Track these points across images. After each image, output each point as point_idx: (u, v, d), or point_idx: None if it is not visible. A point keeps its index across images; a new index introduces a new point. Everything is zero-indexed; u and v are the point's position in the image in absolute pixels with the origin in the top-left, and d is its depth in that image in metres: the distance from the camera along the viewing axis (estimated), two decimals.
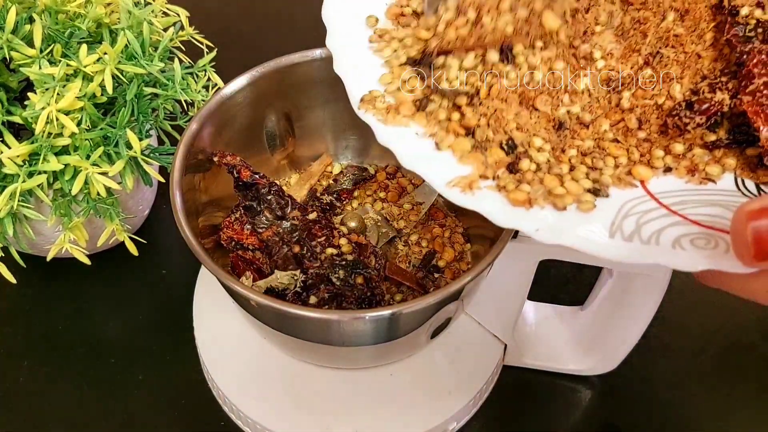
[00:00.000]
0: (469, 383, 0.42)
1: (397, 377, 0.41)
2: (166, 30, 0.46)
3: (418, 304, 0.32)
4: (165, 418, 0.45)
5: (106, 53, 0.40)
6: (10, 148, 0.39)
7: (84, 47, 0.40)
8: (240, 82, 0.40)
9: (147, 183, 0.46)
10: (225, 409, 0.43)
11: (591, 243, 0.26)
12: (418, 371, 0.41)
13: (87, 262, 0.44)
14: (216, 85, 0.48)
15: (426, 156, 0.30)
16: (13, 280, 0.44)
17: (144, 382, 0.47)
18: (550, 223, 0.27)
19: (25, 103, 0.40)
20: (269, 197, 0.41)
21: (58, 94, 0.39)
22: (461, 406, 0.41)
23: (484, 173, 0.29)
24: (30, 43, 0.40)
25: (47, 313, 0.51)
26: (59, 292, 0.52)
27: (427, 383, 0.41)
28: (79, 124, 0.40)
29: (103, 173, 0.41)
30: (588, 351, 0.46)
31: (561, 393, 0.47)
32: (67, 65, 0.39)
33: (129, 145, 0.42)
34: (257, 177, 0.41)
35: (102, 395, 0.46)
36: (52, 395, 0.46)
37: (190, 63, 0.48)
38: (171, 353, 0.48)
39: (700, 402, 0.46)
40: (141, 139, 0.42)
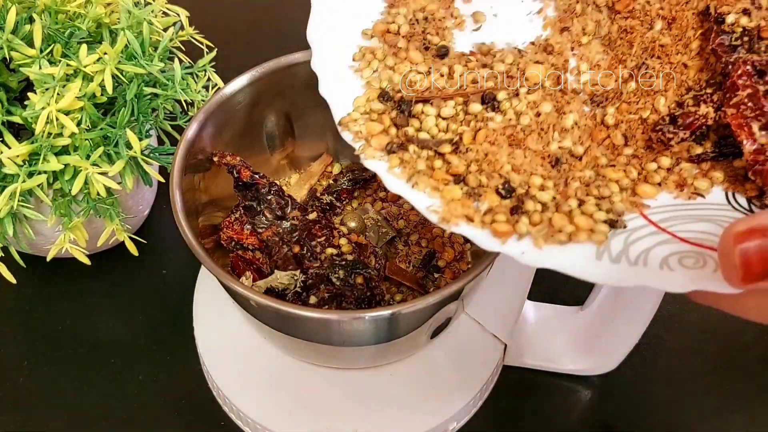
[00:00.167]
0: (469, 383, 0.42)
1: (397, 377, 0.41)
2: (166, 30, 0.46)
3: (418, 304, 0.32)
4: (165, 418, 0.45)
5: (106, 53, 0.40)
6: (10, 148, 0.39)
7: (84, 47, 0.40)
8: (240, 82, 0.40)
9: (147, 183, 0.46)
10: (225, 409, 0.43)
11: (577, 266, 0.25)
12: (418, 371, 0.41)
13: (87, 262, 0.44)
14: (216, 85, 0.48)
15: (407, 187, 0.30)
16: (13, 280, 0.44)
17: (144, 382, 0.47)
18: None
19: (25, 103, 0.40)
20: (269, 197, 0.41)
21: (58, 94, 0.39)
22: (461, 406, 0.41)
23: (470, 216, 0.28)
24: (30, 43, 0.40)
25: (47, 313, 0.51)
26: (59, 292, 0.52)
27: (427, 383, 0.41)
28: (79, 124, 0.40)
29: (103, 173, 0.41)
30: (588, 351, 0.46)
31: (561, 393, 0.47)
32: (67, 65, 0.39)
33: (129, 145, 0.42)
34: (257, 177, 0.41)
35: (102, 395, 0.46)
36: (52, 395, 0.46)
37: (190, 63, 0.48)
38: (171, 353, 0.48)
39: (699, 402, 0.46)
40: (141, 139, 0.42)
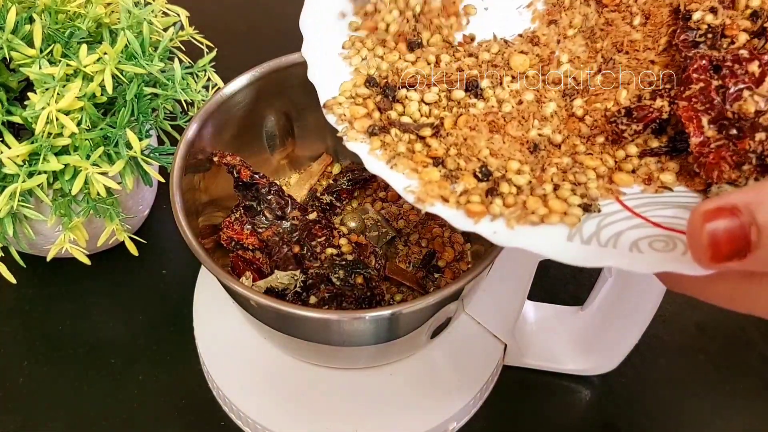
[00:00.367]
0: (469, 383, 0.42)
1: (397, 377, 0.41)
2: (166, 30, 0.46)
3: (418, 304, 0.32)
4: (165, 417, 0.45)
5: (106, 53, 0.40)
6: (10, 148, 0.39)
7: (84, 47, 0.40)
8: (240, 82, 0.40)
9: (147, 183, 0.46)
10: (225, 409, 0.43)
11: (547, 246, 0.25)
12: (418, 371, 0.41)
13: (87, 262, 0.44)
14: (216, 85, 0.48)
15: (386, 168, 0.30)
16: (13, 280, 0.44)
17: (144, 382, 0.47)
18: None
19: (25, 103, 0.40)
20: (269, 197, 0.41)
21: (58, 94, 0.39)
22: (461, 406, 0.41)
23: (446, 197, 0.28)
24: (30, 43, 0.40)
25: (47, 313, 0.51)
26: (59, 292, 0.52)
27: (427, 383, 0.41)
28: (79, 124, 0.40)
29: (103, 173, 0.41)
30: (588, 351, 0.46)
31: (561, 393, 0.47)
32: (67, 65, 0.39)
33: (129, 145, 0.42)
34: (257, 177, 0.41)
35: (102, 395, 0.46)
36: (52, 395, 0.46)
37: (190, 63, 0.48)
38: (171, 353, 0.48)
39: (700, 401, 0.46)
40: (141, 139, 0.42)
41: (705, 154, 0.27)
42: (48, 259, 0.43)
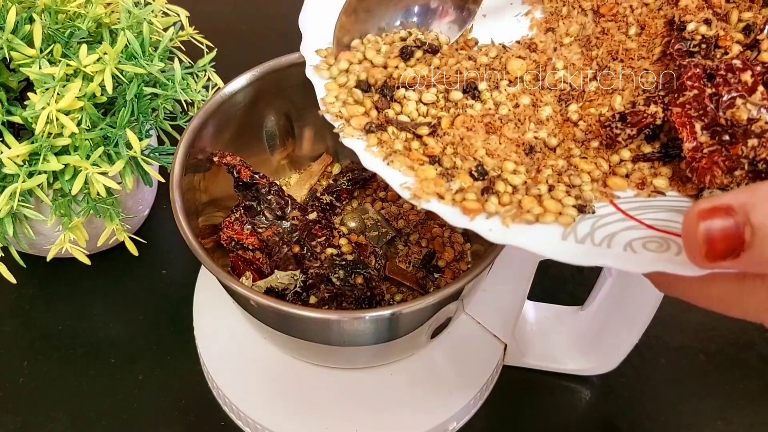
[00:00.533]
0: (469, 383, 0.42)
1: (397, 377, 0.41)
2: (166, 30, 0.46)
3: (418, 304, 0.32)
4: (165, 418, 0.45)
5: (106, 53, 0.40)
6: (10, 148, 0.39)
7: (84, 47, 0.40)
8: (240, 82, 0.40)
9: (147, 183, 0.46)
10: (225, 409, 0.43)
11: (541, 244, 0.26)
12: (418, 371, 0.41)
13: (87, 262, 0.44)
14: (216, 85, 0.48)
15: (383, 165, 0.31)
16: (13, 280, 0.44)
17: (144, 382, 0.47)
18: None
19: (25, 103, 0.40)
20: (269, 197, 0.41)
21: (58, 94, 0.39)
22: (461, 406, 0.41)
23: (442, 194, 0.28)
24: (30, 43, 0.40)
25: (47, 313, 0.51)
26: (59, 292, 0.52)
27: (427, 383, 0.41)
28: (79, 124, 0.40)
29: (103, 173, 0.41)
30: (588, 351, 0.46)
31: (561, 393, 0.47)
32: (67, 65, 0.39)
33: (129, 145, 0.42)
34: (257, 177, 0.41)
35: (102, 395, 0.46)
36: (52, 395, 0.46)
37: (190, 63, 0.48)
38: (171, 353, 0.48)
39: (700, 401, 0.46)
40: (141, 139, 0.42)
41: (698, 159, 0.27)
42: (48, 259, 0.43)
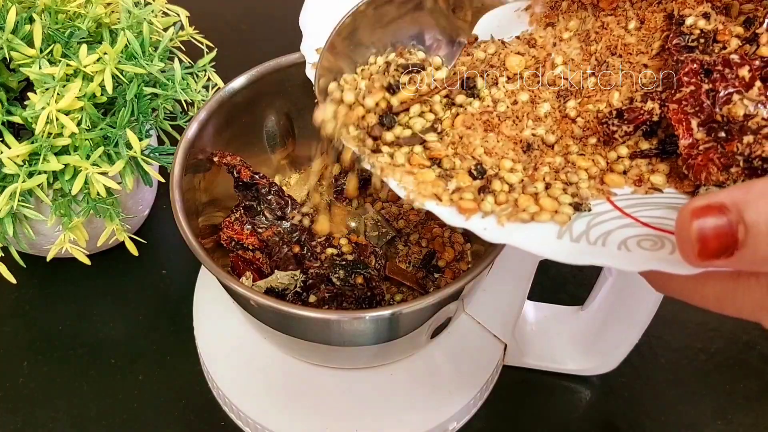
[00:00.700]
0: (469, 383, 0.42)
1: (397, 377, 0.41)
2: (166, 30, 0.46)
3: (418, 304, 0.32)
4: (165, 418, 0.45)
5: (106, 53, 0.40)
6: (10, 148, 0.39)
7: (84, 47, 0.40)
8: (240, 82, 0.40)
9: (147, 183, 0.46)
10: (225, 409, 0.43)
11: (536, 243, 0.26)
12: (418, 371, 0.41)
13: (87, 262, 0.44)
14: (216, 85, 0.48)
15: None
16: (13, 280, 0.44)
17: (144, 382, 0.47)
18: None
19: (25, 103, 0.40)
20: (269, 197, 0.41)
21: (58, 94, 0.39)
22: (461, 406, 0.41)
23: (439, 195, 0.29)
24: (30, 43, 0.40)
25: (47, 313, 0.51)
26: (59, 292, 0.52)
27: (427, 383, 0.41)
28: (79, 124, 0.40)
29: (103, 173, 0.41)
30: (588, 351, 0.46)
31: (561, 393, 0.47)
32: (67, 65, 0.39)
33: (129, 145, 0.42)
34: (257, 177, 0.41)
35: (102, 395, 0.46)
36: (52, 395, 0.46)
37: (190, 63, 0.48)
38: (171, 353, 0.48)
39: (701, 401, 0.46)
40: (141, 139, 0.42)
41: (693, 156, 0.27)
42: (48, 259, 0.43)
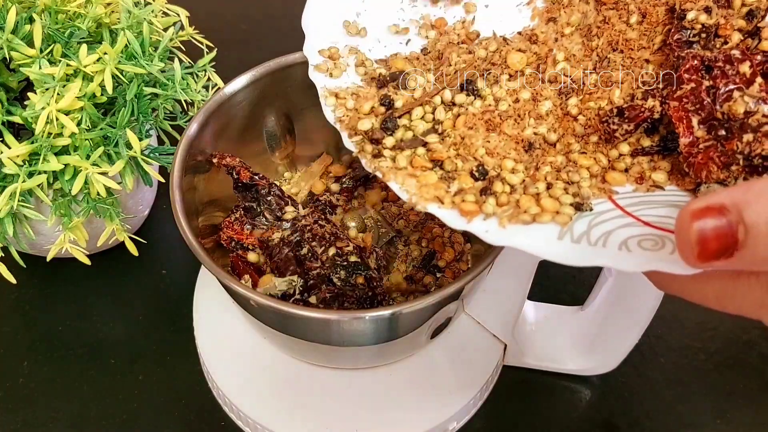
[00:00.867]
0: (469, 383, 0.42)
1: (397, 377, 0.41)
2: (166, 30, 0.46)
3: (418, 304, 0.32)
4: (165, 418, 0.45)
5: (106, 53, 0.40)
6: (10, 148, 0.39)
7: (84, 47, 0.40)
8: (240, 82, 0.40)
9: (147, 183, 0.46)
10: (225, 409, 0.43)
11: (537, 245, 0.25)
12: (418, 371, 0.41)
13: (87, 262, 0.44)
14: (216, 85, 0.48)
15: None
16: (13, 280, 0.44)
17: (144, 382, 0.47)
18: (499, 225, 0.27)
19: (25, 103, 0.40)
20: (269, 198, 0.41)
21: (58, 94, 0.39)
22: (461, 406, 0.41)
23: (441, 197, 0.28)
24: (30, 43, 0.40)
25: (47, 313, 0.51)
26: (59, 292, 0.52)
27: (427, 383, 0.41)
28: (79, 124, 0.40)
29: (103, 173, 0.41)
30: (588, 351, 0.46)
31: (561, 393, 0.47)
32: (67, 65, 0.39)
33: (129, 145, 0.42)
34: (257, 178, 0.41)
35: (102, 395, 0.46)
36: (52, 395, 0.46)
37: (190, 63, 0.48)
38: (171, 353, 0.48)
39: (701, 401, 0.46)
40: (141, 139, 0.42)
41: (694, 154, 0.27)
42: (48, 259, 0.43)
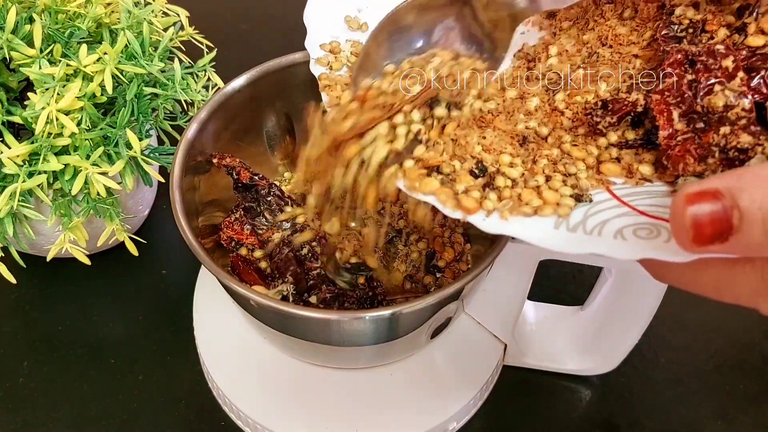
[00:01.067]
0: (469, 383, 0.42)
1: (397, 377, 0.41)
2: (166, 30, 0.46)
3: (418, 304, 0.32)
4: (165, 418, 0.45)
5: (106, 53, 0.40)
6: (10, 148, 0.39)
7: (84, 47, 0.40)
8: (240, 82, 0.40)
9: (147, 183, 0.46)
10: (225, 409, 0.43)
11: (535, 234, 0.26)
12: (418, 371, 0.41)
13: (87, 262, 0.44)
14: (216, 85, 0.48)
15: None
16: (13, 280, 0.44)
17: (144, 382, 0.47)
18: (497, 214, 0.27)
19: (25, 103, 0.40)
20: (269, 198, 0.41)
21: (58, 94, 0.39)
22: (461, 406, 0.41)
23: (447, 198, 0.29)
24: (30, 43, 0.40)
25: (47, 313, 0.51)
26: (59, 292, 0.52)
27: (427, 383, 0.41)
28: (79, 124, 0.40)
29: (103, 173, 0.41)
30: (588, 351, 0.46)
31: (561, 393, 0.47)
32: (67, 65, 0.39)
33: (129, 145, 0.42)
34: (256, 178, 0.41)
35: (102, 395, 0.46)
36: (52, 395, 0.46)
37: (190, 63, 0.48)
38: (171, 353, 0.48)
39: (701, 401, 0.46)
40: (141, 139, 0.42)
41: (672, 146, 0.27)
42: (48, 259, 0.43)
